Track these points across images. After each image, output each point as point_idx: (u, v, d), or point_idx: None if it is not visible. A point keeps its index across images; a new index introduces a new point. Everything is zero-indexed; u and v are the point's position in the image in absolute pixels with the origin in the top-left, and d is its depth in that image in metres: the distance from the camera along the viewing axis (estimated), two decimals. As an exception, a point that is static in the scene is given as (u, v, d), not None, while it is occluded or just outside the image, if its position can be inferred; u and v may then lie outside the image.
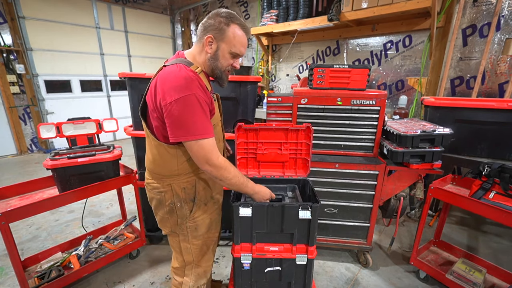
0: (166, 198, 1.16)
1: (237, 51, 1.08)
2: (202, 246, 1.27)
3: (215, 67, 1.09)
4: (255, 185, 1.18)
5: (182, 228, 1.21)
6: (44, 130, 1.73)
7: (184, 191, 1.15)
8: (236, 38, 1.05)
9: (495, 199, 1.43)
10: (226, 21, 1.03)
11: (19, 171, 3.99)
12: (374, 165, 1.75)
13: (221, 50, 1.06)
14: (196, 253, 1.26)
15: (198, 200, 1.18)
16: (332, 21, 3.10)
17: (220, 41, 1.05)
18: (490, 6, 2.53)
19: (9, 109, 4.49)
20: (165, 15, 6.31)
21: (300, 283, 1.26)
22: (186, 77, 0.97)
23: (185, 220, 1.19)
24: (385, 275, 1.91)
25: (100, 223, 2.57)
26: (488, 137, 1.85)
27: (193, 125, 0.97)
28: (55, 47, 4.77)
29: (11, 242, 1.39)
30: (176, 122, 0.97)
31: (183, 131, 0.98)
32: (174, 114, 0.96)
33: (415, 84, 3.07)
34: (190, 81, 0.97)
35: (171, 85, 0.96)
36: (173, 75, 0.98)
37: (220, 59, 1.08)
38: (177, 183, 1.14)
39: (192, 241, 1.23)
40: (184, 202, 1.17)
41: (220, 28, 1.03)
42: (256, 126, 1.42)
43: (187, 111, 0.96)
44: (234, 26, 1.04)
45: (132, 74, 1.82)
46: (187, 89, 0.95)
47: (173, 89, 0.95)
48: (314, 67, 1.83)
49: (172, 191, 1.15)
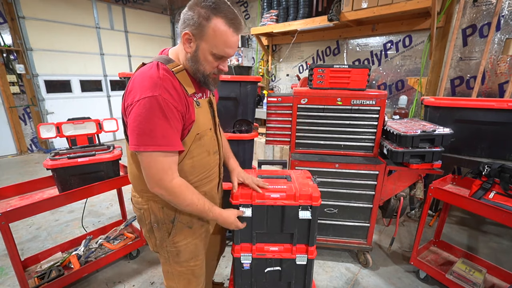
0: (145, 216, 1.01)
1: (220, 53, 0.86)
2: (187, 274, 1.10)
3: (196, 70, 0.90)
4: (219, 213, 1.02)
5: (163, 251, 1.06)
6: (44, 130, 1.73)
7: (162, 211, 0.99)
8: (218, 37, 0.83)
9: (495, 199, 1.43)
10: (206, 14, 0.80)
11: (19, 171, 3.99)
12: (374, 165, 1.75)
13: (201, 50, 0.86)
14: (181, 281, 1.10)
15: (178, 222, 1.01)
16: (332, 21, 3.10)
17: (199, 39, 0.84)
18: (490, 6, 2.53)
19: (9, 109, 4.49)
20: (165, 15, 6.31)
21: (300, 283, 1.26)
22: (152, 76, 0.82)
23: (164, 242, 1.03)
24: (385, 275, 1.91)
25: (100, 223, 2.57)
26: (488, 137, 1.85)
27: (149, 133, 0.80)
28: (55, 47, 4.77)
29: (11, 242, 1.39)
30: (131, 127, 0.81)
31: (135, 139, 0.81)
32: (131, 118, 0.81)
33: (415, 84, 3.07)
34: (156, 81, 0.81)
35: (137, 85, 0.82)
36: (141, 74, 0.85)
37: (201, 62, 0.88)
38: (155, 201, 0.98)
39: (174, 267, 1.08)
40: (162, 223, 1.00)
41: (199, 23, 0.81)
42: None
43: (143, 115, 0.79)
44: (216, 20, 0.81)
45: (132, 74, 1.82)
46: (151, 89, 0.80)
47: (136, 90, 0.81)
48: (314, 67, 1.83)
49: (149, 209, 0.99)
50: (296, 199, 1.12)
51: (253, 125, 2.03)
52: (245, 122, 1.96)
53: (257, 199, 1.13)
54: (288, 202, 1.12)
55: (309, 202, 1.12)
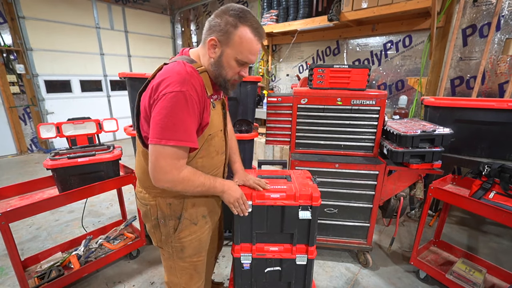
0: (152, 212, 1.04)
1: (244, 59, 0.91)
2: (189, 269, 1.12)
3: (218, 74, 0.94)
4: (224, 182, 1.04)
5: (167, 246, 1.07)
6: (44, 130, 1.73)
7: (169, 207, 1.01)
8: (244, 44, 0.88)
9: (495, 199, 1.43)
10: (233, 22, 0.86)
11: (19, 171, 3.99)
12: (374, 165, 1.75)
13: (225, 56, 0.91)
14: (183, 276, 1.12)
15: (185, 219, 1.04)
16: (332, 21, 3.10)
17: (225, 45, 0.89)
18: (490, 6, 2.53)
19: (9, 109, 4.49)
20: (165, 15, 6.31)
21: (300, 283, 1.26)
22: (181, 72, 0.85)
23: (169, 238, 1.05)
24: (385, 275, 1.91)
25: (100, 223, 2.57)
26: (488, 137, 1.85)
27: (172, 127, 0.82)
28: (55, 47, 4.77)
29: (11, 242, 1.39)
30: (155, 120, 0.83)
31: (158, 132, 0.83)
32: (156, 111, 0.83)
33: (415, 84, 3.07)
34: (184, 77, 0.84)
35: (167, 80, 0.84)
36: (169, 70, 0.87)
37: (225, 67, 0.93)
38: (162, 197, 1.01)
39: (177, 262, 1.10)
40: (168, 219, 1.03)
41: (226, 30, 0.87)
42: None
43: (169, 109, 0.81)
44: (243, 28, 0.87)
45: (132, 74, 1.82)
46: (179, 84, 0.82)
47: (164, 84, 0.83)
48: (314, 67, 1.83)
49: (157, 205, 1.02)
50: (296, 199, 1.12)
51: (253, 125, 2.03)
52: (245, 122, 1.96)
53: (257, 199, 1.13)
54: (288, 202, 1.12)
55: (309, 202, 1.12)
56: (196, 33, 6.17)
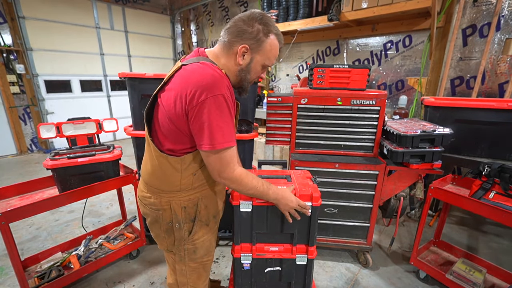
0: (164, 217, 1.03)
1: (269, 64, 0.99)
2: (199, 268, 1.15)
3: (244, 79, 0.99)
4: (278, 191, 1.04)
5: (179, 249, 1.08)
6: (44, 130, 1.73)
7: (185, 211, 1.02)
8: (272, 51, 0.95)
9: (495, 199, 1.43)
10: (265, 30, 0.91)
11: (19, 171, 3.99)
12: (374, 165, 1.75)
13: (254, 62, 0.96)
14: (192, 275, 1.15)
15: (198, 220, 1.06)
16: (332, 21, 3.09)
17: (256, 53, 0.94)
18: (490, 6, 2.53)
19: (9, 109, 4.49)
20: (165, 15, 6.31)
21: (300, 283, 1.26)
22: (214, 74, 0.85)
23: (183, 241, 1.06)
24: (385, 275, 1.91)
25: (100, 223, 2.57)
26: (488, 137, 1.85)
27: (220, 130, 0.85)
28: (55, 47, 4.77)
29: (11, 242, 1.39)
30: (201, 126, 0.85)
31: (207, 137, 0.86)
32: (199, 118, 0.84)
33: (415, 84, 3.07)
34: (219, 80, 0.85)
35: (198, 84, 0.83)
36: (198, 72, 0.86)
37: (251, 72, 0.98)
38: (176, 201, 1.01)
39: (188, 264, 1.11)
40: (184, 223, 1.04)
41: (258, 38, 0.91)
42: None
43: (214, 114, 0.83)
44: (273, 37, 0.93)
45: (132, 74, 1.82)
46: (216, 88, 0.83)
47: (200, 89, 0.82)
48: (314, 67, 1.83)
49: (171, 209, 1.01)
50: (296, 199, 1.12)
51: (253, 125, 2.03)
52: (245, 122, 1.96)
53: (257, 199, 1.13)
54: (288, 202, 1.12)
55: (309, 202, 1.12)
56: (196, 33, 6.17)
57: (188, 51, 6.41)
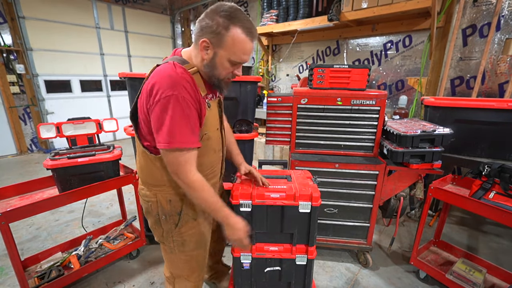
0: (152, 208, 1.07)
1: (237, 60, 0.92)
2: (191, 262, 1.17)
3: (211, 75, 0.96)
4: (229, 215, 1.01)
5: (168, 241, 1.11)
6: (44, 130, 1.73)
7: (170, 204, 1.05)
8: (236, 45, 0.88)
9: (495, 199, 1.43)
10: (225, 23, 0.85)
11: (19, 171, 3.99)
12: (374, 165, 1.75)
13: (218, 57, 0.91)
14: (184, 268, 1.17)
15: (185, 215, 1.07)
16: (332, 21, 3.09)
17: (218, 47, 0.89)
18: (490, 6, 2.53)
19: (9, 109, 4.49)
20: (165, 15, 6.31)
21: (300, 283, 1.26)
22: (172, 75, 0.85)
23: (171, 233, 1.09)
24: (385, 275, 1.91)
25: (100, 223, 2.57)
26: (488, 137, 1.85)
27: (171, 130, 0.85)
28: (55, 47, 4.77)
29: (11, 242, 1.39)
30: (157, 125, 0.87)
31: (160, 136, 0.87)
32: (154, 117, 0.87)
33: (415, 84, 3.07)
34: (175, 80, 0.85)
35: (158, 85, 0.85)
36: (160, 73, 0.88)
37: (218, 68, 0.93)
38: (163, 194, 1.04)
39: (179, 255, 1.14)
40: (169, 216, 1.06)
41: (217, 31, 0.86)
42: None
43: (166, 113, 0.84)
44: (235, 29, 0.86)
45: (132, 74, 1.82)
46: (171, 88, 0.83)
47: (158, 89, 0.84)
48: (314, 67, 1.83)
49: (158, 202, 1.05)
50: (296, 199, 1.12)
51: (253, 125, 2.03)
52: (245, 122, 1.96)
53: (257, 199, 1.13)
54: (288, 202, 1.12)
55: (309, 202, 1.12)
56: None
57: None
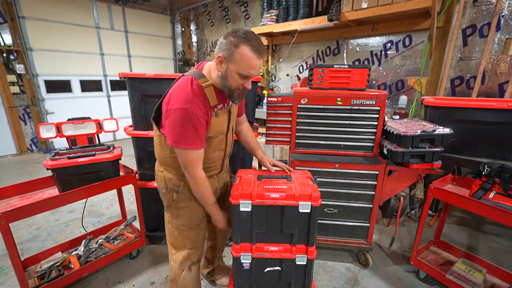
0: (159, 180, 1.31)
1: (245, 73, 1.08)
2: (183, 235, 1.35)
3: (223, 86, 1.14)
4: (215, 211, 1.28)
5: (169, 210, 1.33)
6: (44, 130, 1.73)
7: (171, 181, 1.27)
8: (244, 61, 1.05)
9: (495, 199, 1.43)
10: (235, 42, 1.03)
11: (19, 171, 3.99)
12: (374, 165, 1.75)
13: (229, 70, 1.09)
14: (178, 238, 1.36)
15: (182, 193, 1.27)
16: (332, 21, 3.09)
17: (229, 61, 1.07)
18: (490, 6, 2.53)
19: (9, 109, 4.49)
20: (165, 15, 6.31)
21: (300, 283, 1.26)
22: (186, 92, 1.06)
23: (170, 204, 1.30)
24: (385, 275, 1.91)
25: (100, 223, 2.57)
26: (488, 137, 1.85)
27: (182, 135, 1.08)
28: (55, 47, 4.77)
29: (11, 242, 1.39)
30: (169, 129, 1.09)
31: (173, 138, 1.09)
32: (169, 122, 1.08)
33: (415, 84, 3.07)
34: (188, 96, 1.05)
35: (174, 96, 1.06)
36: (178, 87, 1.09)
37: (229, 79, 1.11)
38: (167, 172, 1.28)
39: (174, 226, 1.34)
40: (169, 190, 1.28)
41: (229, 48, 1.05)
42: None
43: (178, 122, 1.06)
44: (243, 47, 1.03)
45: (132, 74, 1.82)
46: (183, 103, 1.04)
47: (173, 100, 1.06)
48: (314, 67, 1.83)
49: (164, 177, 1.28)
50: (296, 199, 1.12)
51: (253, 125, 2.03)
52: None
53: (257, 198, 1.13)
54: (288, 202, 1.12)
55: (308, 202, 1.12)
56: (196, 33, 6.18)
57: (188, 51, 6.42)
